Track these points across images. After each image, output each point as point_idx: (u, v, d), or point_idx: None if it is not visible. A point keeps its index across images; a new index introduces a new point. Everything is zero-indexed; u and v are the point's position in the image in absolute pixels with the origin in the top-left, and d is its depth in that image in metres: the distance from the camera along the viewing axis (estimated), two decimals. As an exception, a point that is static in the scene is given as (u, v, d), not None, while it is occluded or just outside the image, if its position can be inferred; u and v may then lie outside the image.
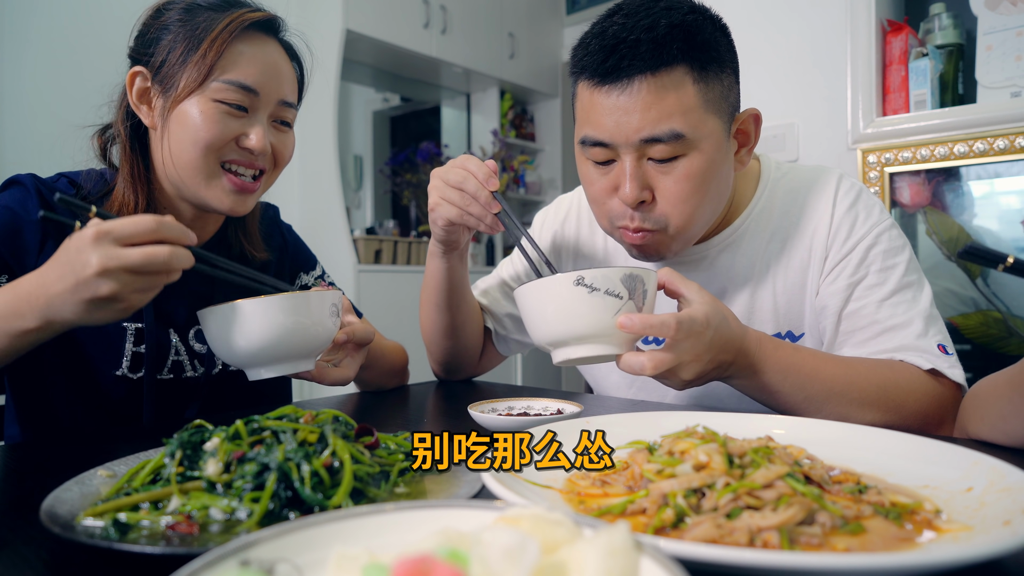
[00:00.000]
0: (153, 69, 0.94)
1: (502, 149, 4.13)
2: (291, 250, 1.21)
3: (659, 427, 0.65)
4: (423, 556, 0.28)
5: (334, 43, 3.15)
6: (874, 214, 1.00)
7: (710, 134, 0.89)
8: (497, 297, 1.24)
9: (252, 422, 0.55)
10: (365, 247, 3.34)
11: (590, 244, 1.18)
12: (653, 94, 0.86)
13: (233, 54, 0.93)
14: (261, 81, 0.94)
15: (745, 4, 2.01)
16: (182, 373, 1.02)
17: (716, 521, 0.43)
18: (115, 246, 0.69)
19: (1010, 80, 1.70)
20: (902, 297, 0.95)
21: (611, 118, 0.88)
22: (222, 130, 0.92)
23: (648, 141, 0.87)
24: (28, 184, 0.94)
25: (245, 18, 0.94)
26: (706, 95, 0.88)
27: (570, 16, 4.64)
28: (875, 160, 1.85)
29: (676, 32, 0.86)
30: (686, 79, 0.87)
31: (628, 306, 0.74)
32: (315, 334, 0.85)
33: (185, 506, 0.49)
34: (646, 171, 0.90)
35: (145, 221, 0.70)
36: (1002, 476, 0.50)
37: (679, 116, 0.87)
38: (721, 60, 0.90)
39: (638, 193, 0.89)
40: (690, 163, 0.89)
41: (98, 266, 0.68)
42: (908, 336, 0.92)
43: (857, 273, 0.97)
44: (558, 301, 0.75)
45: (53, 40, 2.56)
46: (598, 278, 0.73)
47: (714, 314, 0.79)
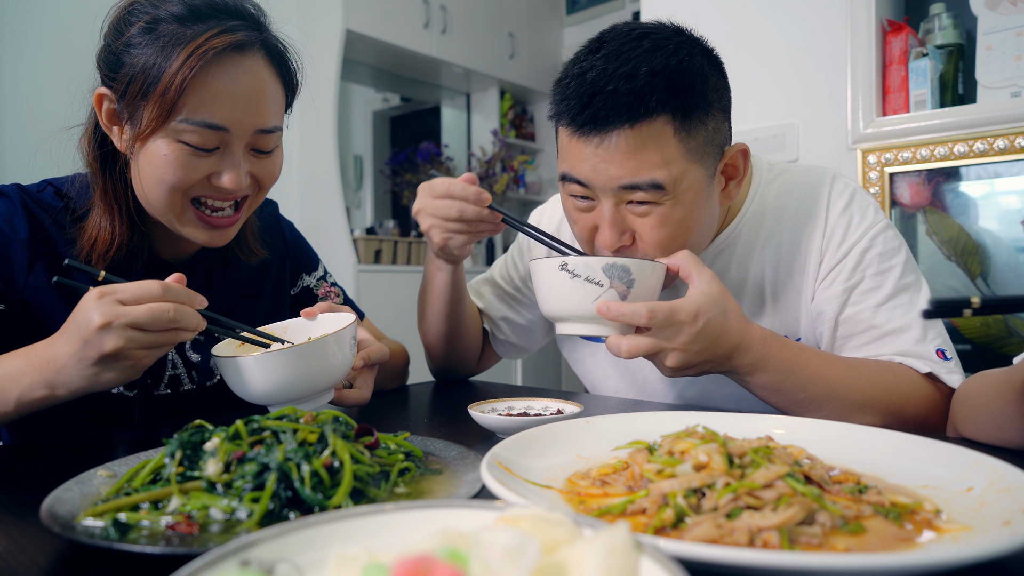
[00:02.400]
0: (118, 94, 0.86)
1: (502, 149, 4.13)
2: (292, 250, 1.19)
3: (659, 427, 0.65)
4: (423, 556, 0.28)
5: (334, 43, 3.15)
6: (868, 216, 0.98)
7: (691, 185, 0.87)
8: (492, 301, 1.24)
9: (252, 422, 0.55)
10: (365, 247, 3.34)
11: None
12: (632, 146, 0.84)
13: (198, 90, 0.82)
14: (232, 116, 0.84)
15: (745, 4, 2.01)
16: (179, 387, 1.00)
17: (716, 521, 0.43)
18: (119, 304, 0.69)
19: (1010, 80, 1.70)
20: (899, 301, 0.94)
21: (589, 165, 0.86)
22: (187, 173, 0.85)
23: (627, 188, 0.86)
24: (13, 197, 0.90)
25: (210, 46, 0.82)
26: (688, 144, 0.85)
27: (570, 16, 4.64)
28: (875, 160, 1.85)
29: (657, 81, 0.82)
30: (666, 129, 0.84)
31: (608, 294, 0.78)
32: (334, 370, 0.83)
33: (185, 506, 0.49)
34: (625, 215, 0.89)
35: (150, 285, 0.70)
36: (1002, 476, 0.50)
37: (660, 168, 0.84)
38: (707, 103, 0.87)
39: (617, 239, 0.89)
40: (669, 211, 0.87)
41: (100, 321, 0.68)
42: (907, 341, 0.92)
43: (853, 277, 0.96)
44: (547, 282, 0.82)
45: (54, 41, 2.56)
46: (579, 265, 0.78)
47: (709, 306, 0.79)
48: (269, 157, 0.93)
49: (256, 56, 0.88)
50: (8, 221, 0.89)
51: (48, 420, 0.94)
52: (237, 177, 0.87)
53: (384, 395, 1.13)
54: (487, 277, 1.28)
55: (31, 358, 0.74)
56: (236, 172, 0.87)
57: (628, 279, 0.78)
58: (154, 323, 0.70)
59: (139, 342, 0.70)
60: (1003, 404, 0.70)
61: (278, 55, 0.92)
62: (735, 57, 1.99)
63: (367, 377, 0.97)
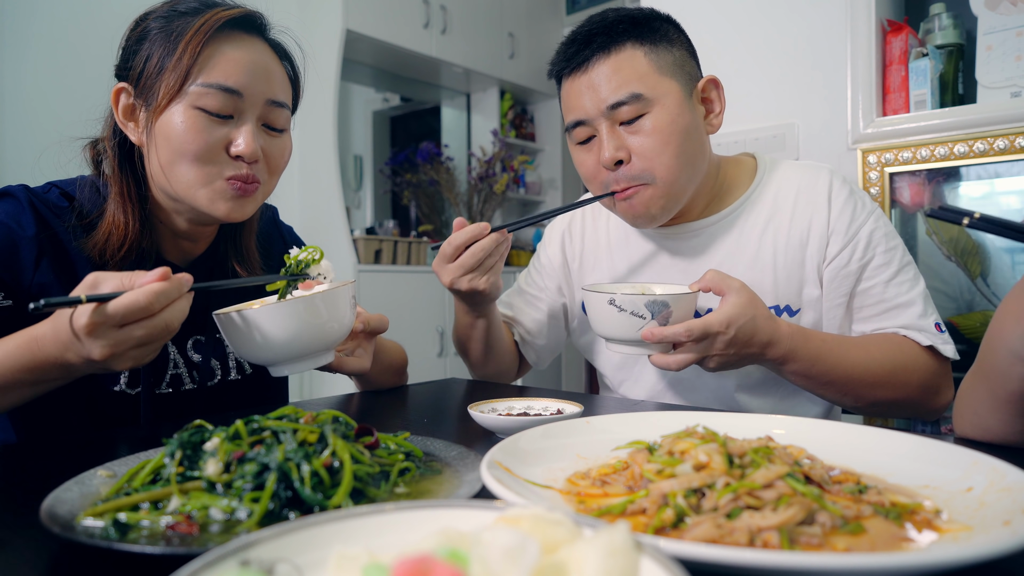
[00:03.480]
0: (134, 82, 0.90)
1: (502, 149, 4.13)
2: (286, 238, 1.20)
3: (659, 427, 0.65)
4: (423, 556, 0.28)
5: (334, 43, 3.15)
6: (867, 202, 1.12)
7: (668, 91, 1.03)
8: (522, 307, 1.33)
9: (252, 422, 0.55)
10: (365, 247, 3.34)
11: (594, 239, 1.28)
12: (610, 67, 1.02)
13: (211, 54, 0.87)
14: (244, 81, 0.89)
15: (745, 4, 2.01)
16: (180, 386, 1.00)
17: (716, 521, 0.43)
18: (115, 330, 0.69)
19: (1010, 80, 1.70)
20: (905, 276, 1.07)
21: (582, 97, 1.04)
22: (206, 139, 0.87)
23: (614, 107, 1.02)
24: (20, 197, 0.91)
25: (220, 16, 0.89)
26: (658, 62, 1.03)
27: (570, 16, 4.64)
28: (875, 160, 1.85)
29: (624, 18, 1.03)
30: (637, 52, 1.02)
31: (651, 324, 0.91)
32: (334, 329, 0.85)
33: (185, 506, 0.49)
34: (619, 135, 1.04)
35: (138, 302, 0.69)
36: (1002, 476, 0.50)
37: (635, 80, 1.01)
38: (670, 39, 1.05)
39: (614, 152, 1.03)
40: (655, 118, 1.02)
41: (101, 356, 0.70)
42: (911, 316, 1.05)
43: (866, 255, 1.07)
44: (598, 312, 0.94)
45: (55, 42, 2.56)
46: (626, 301, 0.91)
47: (738, 315, 0.91)
48: (279, 137, 0.96)
49: (261, 40, 0.94)
50: (15, 219, 0.89)
51: (51, 420, 0.94)
52: (252, 141, 0.90)
53: (384, 395, 1.13)
54: (515, 289, 1.38)
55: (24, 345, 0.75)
56: (251, 138, 0.90)
57: (667, 311, 0.90)
58: (150, 338, 0.71)
59: (142, 353, 0.73)
60: (976, 382, 0.73)
61: (283, 51, 0.98)
62: (735, 57, 1.99)
63: (366, 347, 1.01)
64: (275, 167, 0.97)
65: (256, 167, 0.92)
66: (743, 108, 1.99)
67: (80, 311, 0.69)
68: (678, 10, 1.20)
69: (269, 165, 0.95)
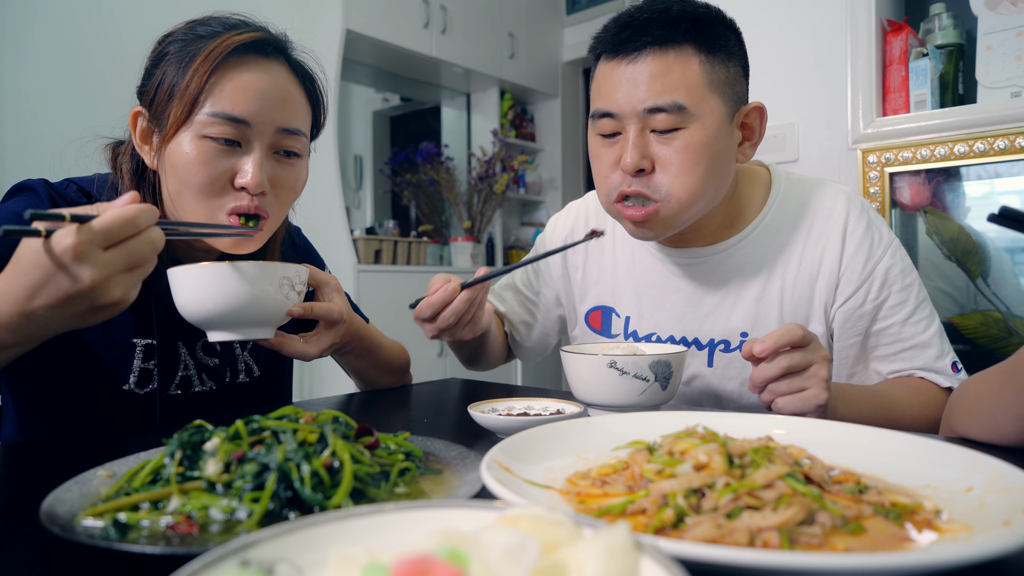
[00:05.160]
0: (147, 106, 0.89)
1: (502, 149, 4.13)
2: (301, 255, 1.20)
3: (659, 427, 0.65)
4: (423, 556, 0.28)
5: (334, 43, 3.15)
6: (884, 234, 1.05)
7: (712, 111, 0.94)
8: (513, 306, 1.31)
9: (252, 422, 0.55)
10: (365, 247, 3.34)
11: (599, 248, 1.22)
12: (660, 67, 0.92)
13: (219, 82, 0.85)
14: (253, 110, 0.86)
15: (745, 4, 2.01)
16: (190, 388, 1.00)
17: (716, 521, 0.43)
18: (101, 251, 0.64)
19: (1010, 80, 1.70)
20: (921, 315, 1.03)
21: (620, 89, 0.94)
22: (211, 171, 0.85)
23: (651, 111, 0.93)
24: (40, 190, 0.90)
25: (231, 42, 0.86)
26: (711, 75, 0.94)
27: (570, 16, 4.64)
28: (875, 160, 1.85)
29: (687, 16, 0.93)
30: (692, 58, 0.93)
31: (653, 388, 0.83)
32: (260, 304, 0.83)
33: (185, 506, 0.49)
34: (648, 142, 0.95)
35: (124, 215, 0.64)
36: (1002, 476, 0.50)
37: (683, 90, 0.92)
38: (729, 51, 0.96)
39: (638, 160, 0.94)
40: (690, 135, 0.93)
41: (91, 280, 0.63)
42: (928, 357, 1.02)
43: (881, 294, 1.02)
44: (594, 377, 0.83)
45: (55, 42, 2.56)
46: (628, 364, 0.81)
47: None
48: (292, 164, 0.93)
49: (279, 63, 0.91)
50: None
51: (59, 420, 0.94)
52: (258, 173, 0.87)
53: (384, 395, 1.13)
54: (509, 283, 1.33)
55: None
56: (257, 169, 0.87)
57: (668, 371, 0.84)
58: (139, 257, 0.66)
59: (129, 281, 0.67)
60: (1002, 390, 0.71)
61: (303, 72, 0.95)
62: (735, 57, 1.99)
63: (323, 335, 0.97)
64: (285, 197, 0.93)
65: (263, 199, 0.89)
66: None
67: (62, 233, 0.62)
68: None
69: (279, 193, 0.92)
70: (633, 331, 1.15)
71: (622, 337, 1.17)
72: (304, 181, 0.96)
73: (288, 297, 0.86)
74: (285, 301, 0.86)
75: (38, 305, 0.65)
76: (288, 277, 0.86)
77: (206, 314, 0.82)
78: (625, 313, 1.17)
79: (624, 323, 1.17)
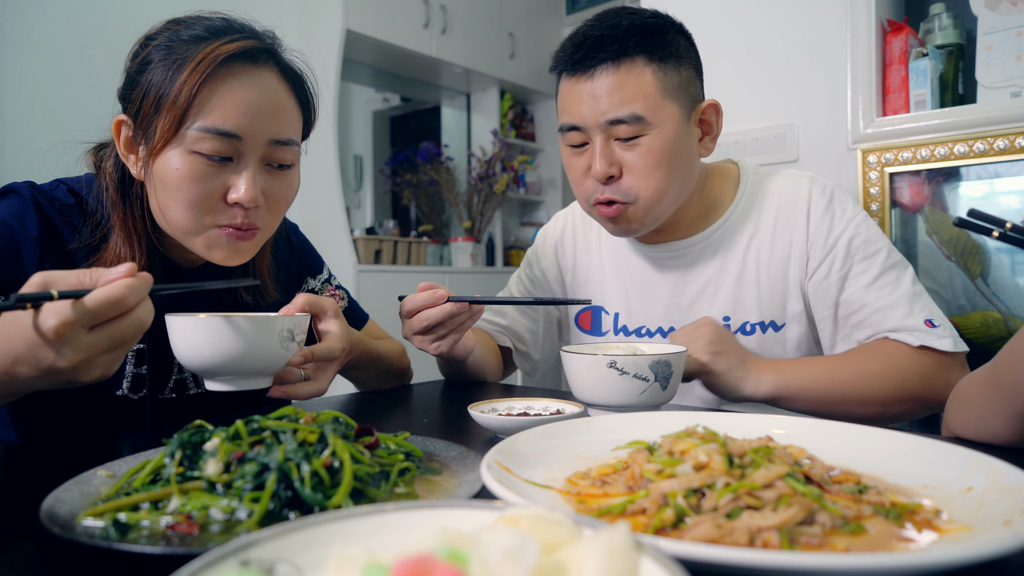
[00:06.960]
0: (133, 116, 0.85)
1: (502, 149, 4.13)
2: (298, 253, 1.19)
3: (659, 427, 0.65)
4: (423, 556, 0.28)
5: (334, 43, 3.15)
6: (848, 209, 1.10)
7: (668, 116, 1.01)
8: (515, 317, 1.32)
9: (252, 422, 0.55)
10: (365, 247, 3.34)
11: (586, 252, 1.29)
12: (615, 81, 1.00)
13: (209, 95, 0.81)
14: (244, 123, 0.83)
15: (745, 4, 2.01)
16: (185, 391, 1.00)
17: (716, 521, 0.43)
18: (86, 333, 0.62)
19: (1010, 80, 1.70)
20: (887, 279, 1.05)
21: (582, 104, 1.02)
22: (202, 188, 0.83)
23: (613, 123, 1.00)
24: (25, 194, 0.88)
25: (219, 52, 0.82)
26: (664, 83, 1.01)
27: (570, 16, 4.64)
28: (875, 160, 1.85)
29: (636, 29, 1.00)
30: (645, 68, 1.00)
31: (653, 388, 0.83)
32: (260, 356, 0.81)
33: (185, 506, 0.49)
34: (613, 150, 1.03)
35: (113, 295, 0.62)
36: (1002, 476, 0.50)
37: (639, 101, 0.99)
38: (679, 56, 1.03)
39: (606, 168, 1.02)
40: (651, 141, 1.01)
41: (69, 363, 0.62)
42: (897, 317, 1.03)
43: (845, 265, 1.07)
44: (594, 377, 0.84)
45: (55, 42, 2.56)
46: (628, 364, 0.82)
47: (704, 321, 1.02)
48: (284, 175, 0.91)
49: (269, 70, 0.88)
50: (19, 219, 0.87)
51: (52, 425, 0.94)
52: (251, 187, 0.85)
53: (384, 395, 1.13)
54: (507, 294, 1.36)
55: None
56: (250, 184, 0.85)
57: (668, 371, 0.85)
58: (124, 338, 0.64)
59: (111, 360, 0.66)
60: (989, 391, 0.71)
61: (293, 76, 0.92)
62: (735, 57, 1.99)
63: (326, 369, 0.95)
64: (278, 207, 0.92)
65: (255, 212, 0.88)
66: (743, 108, 1.99)
67: (48, 310, 0.60)
68: (678, 10, 1.20)
69: (271, 205, 0.91)
70: (623, 326, 1.21)
71: (612, 333, 1.22)
72: (296, 189, 0.95)
73: (288, 348, 0.84)
74: (285, 352, 0.84)
75: (19, 372, 0.64)
76: (289, 329, 0.84)
77: (203, 364, 0.80)
78: (614, 310, 1.23)
79: (613, 319, 1.23)
